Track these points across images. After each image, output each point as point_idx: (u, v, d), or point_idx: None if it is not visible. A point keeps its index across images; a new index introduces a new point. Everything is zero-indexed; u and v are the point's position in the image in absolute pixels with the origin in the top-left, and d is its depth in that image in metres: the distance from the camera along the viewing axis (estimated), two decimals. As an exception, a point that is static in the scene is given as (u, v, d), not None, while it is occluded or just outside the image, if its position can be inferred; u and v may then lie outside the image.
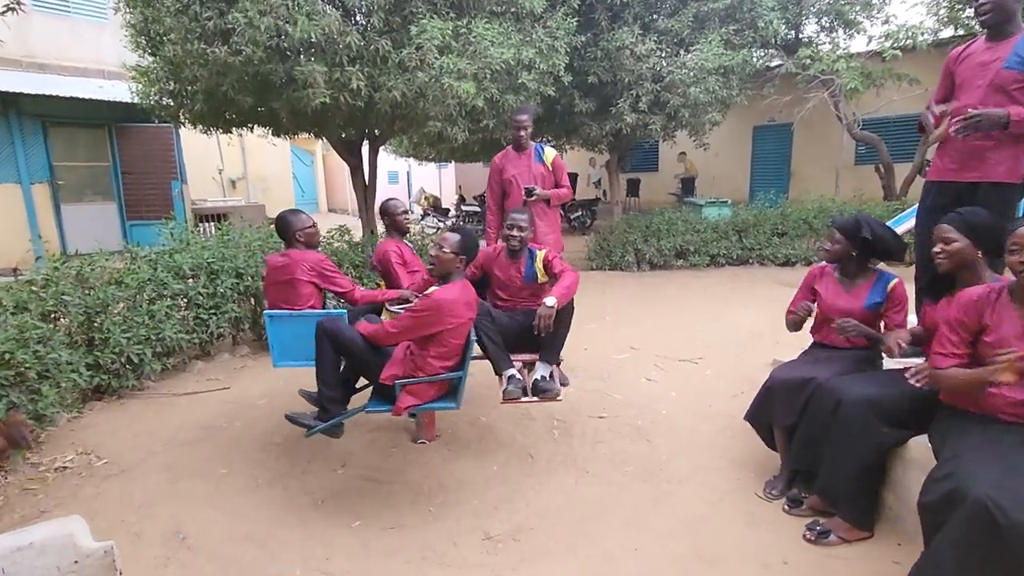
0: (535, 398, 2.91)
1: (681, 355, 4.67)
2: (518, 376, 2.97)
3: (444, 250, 2.76)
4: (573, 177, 14.04)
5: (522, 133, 4.07)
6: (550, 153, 4.15)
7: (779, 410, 2.71)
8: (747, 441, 3.20)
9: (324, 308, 3.40)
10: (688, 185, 13.71)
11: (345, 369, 2.86)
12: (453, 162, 16.66)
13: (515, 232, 3.30)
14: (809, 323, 3.01)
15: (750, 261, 8.58)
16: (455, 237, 2.78)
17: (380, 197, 9.91)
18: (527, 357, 3.12)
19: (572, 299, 3.03)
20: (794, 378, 2.68)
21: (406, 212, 3.84)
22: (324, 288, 3.32)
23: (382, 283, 3.72)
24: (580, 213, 13.26)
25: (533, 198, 4.02)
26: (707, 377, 4.21)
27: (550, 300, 2.86)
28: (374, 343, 2.71)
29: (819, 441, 2.55)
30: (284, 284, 3.43)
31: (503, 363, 3.02)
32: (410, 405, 2.67)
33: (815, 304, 2.94)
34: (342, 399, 2.84)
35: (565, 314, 3.02)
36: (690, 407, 3.72)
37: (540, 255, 3.34)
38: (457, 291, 2.71)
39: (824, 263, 2.96)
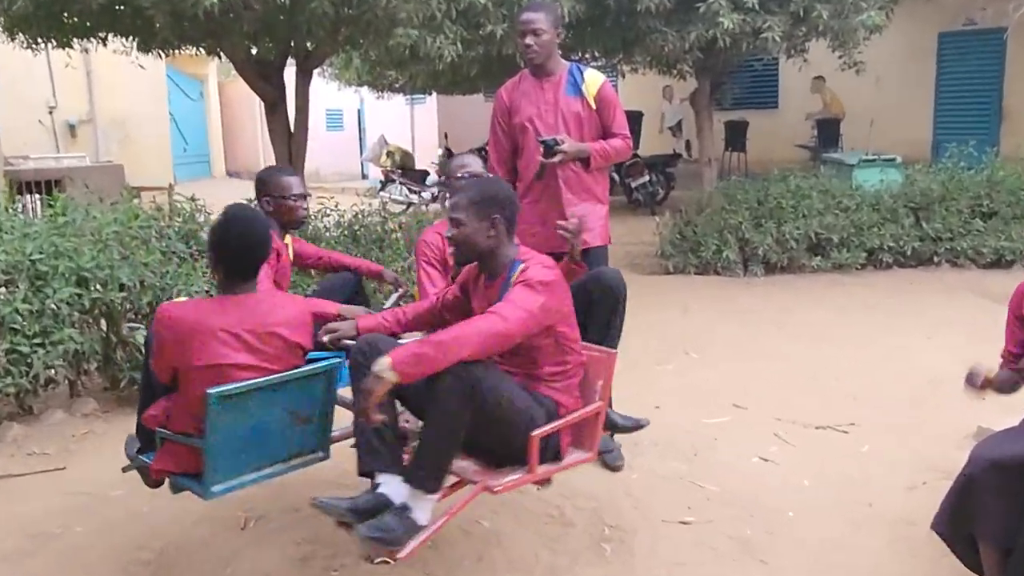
0: (370, 546, 2.71)
1: (818, 419, 4.64)
2: (388, 494, 2.77)
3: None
4: (635, 119, 14.14)
5: (530, 42, 4.03)
6: (594, 80, 4.13)
7: (987, 514, 2.68)
8: (934, 564, 3.16)
9: None
10: (829, 132, 13.72)
11: None
12: (435, 94, 16.84)
13: (451, 228, 3.05)
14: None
15: (935, 259, 8.56)
16: (218, 221, 2.98)
17: (315, 149, 9.96)
18: (472, 469, 2.94)
19: (479, 380, 2.69)
20: (1013, 459, 2.65)
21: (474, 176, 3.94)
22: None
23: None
24: (648, 179, 13.31)
25: (558, 158, 3.95)
26: (863, 456, 4.18)
27: (378, 364, 2.62)
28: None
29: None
30: None
31: (373, 458, 2.87)
32: (162, 470, 2.94)
33: None
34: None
35: (455, 401, 2.67)
36: (835, 506, 3.69)
37: (515, 273, 3.00)
38: (200, 310, 2.85)
39: None
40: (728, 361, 5.76)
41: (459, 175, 3.94)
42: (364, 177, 22.32)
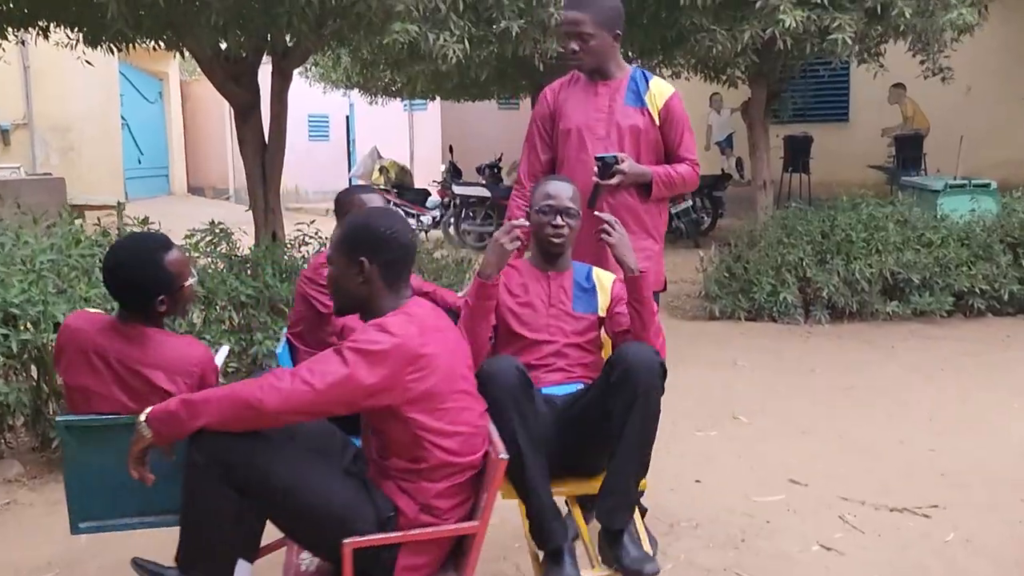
0: None
1: (893, 499, 4.60)
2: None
3: None
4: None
5: (573, 47, 4.02)
6: (661, 91, 4.10)
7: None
8: None
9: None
10: (910, 151, 13.72)
11: None
12: (439, 99, 16.96)
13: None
14: None
15: (1039, 307, 8.53)
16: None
17: (294, 163, 9.95)
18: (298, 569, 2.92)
19: (229, 455, 2.69)
20: None
21: (562, 212, 3.63)
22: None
23: None
24: (691, 204, 13.35)
25: (615, 180, 3.89)
26: (948, 547, 4.14)
27: (141, 416, 2.73)
28: None
29: None
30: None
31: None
32: None
33: None
34: None
35: (197, 474, 2.71)
36: (913, 608, 3.64)
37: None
38: (86, 323, 3.24)
39: None
40: (784, 427, 5.72)
41: (543, 206, 3.63)
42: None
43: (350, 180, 21.60)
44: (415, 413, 2.71)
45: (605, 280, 3.74)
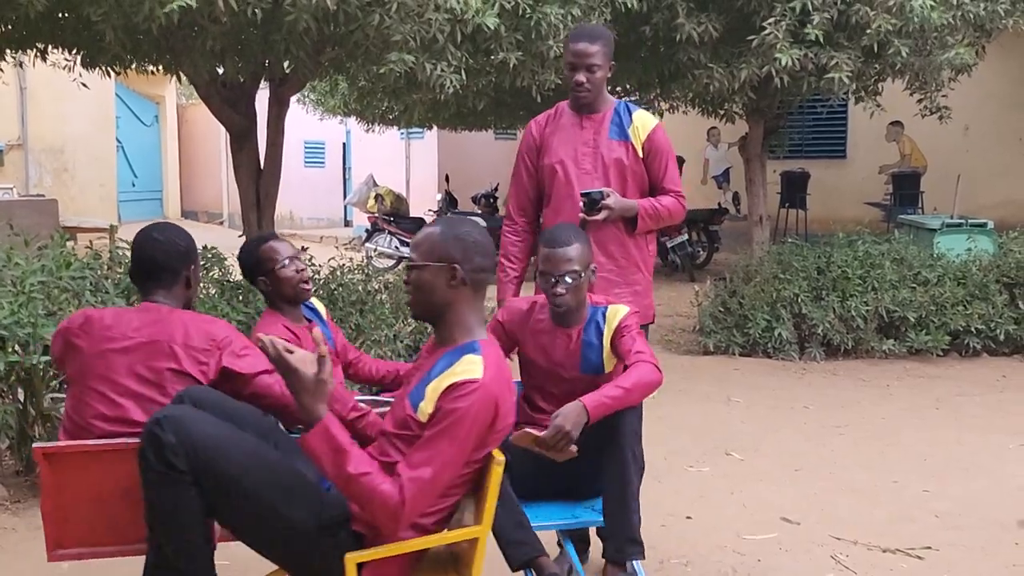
0: None
1: (886, 540, 4.59)
2: None
3: None
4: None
5: (582, 79, 4.03)
6: (644, 123, 4.13)
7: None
8: None
9: None
10: (907, 189, 13.80)
11: None
12: (436, 128, 17.01)
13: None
14: None
15: (1036, 347, 8.54)
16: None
17: (289, 189, 9.88)
18: None
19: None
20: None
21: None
22: None
23: None
24: (686, 238, 13.37)
25: (602, 215, 3.94)
26: (941, 588, 4.12)
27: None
28: None
29: None
30: None
31: None
32: None
33: None
34: None
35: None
36: (904, 651, 3.61)
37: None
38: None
39: None
40: (777, 464, 5.71)
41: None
42: (347, 224, 22.48)
43: (345, 207, 21.68)
44: (69, 389, 3.27)
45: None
